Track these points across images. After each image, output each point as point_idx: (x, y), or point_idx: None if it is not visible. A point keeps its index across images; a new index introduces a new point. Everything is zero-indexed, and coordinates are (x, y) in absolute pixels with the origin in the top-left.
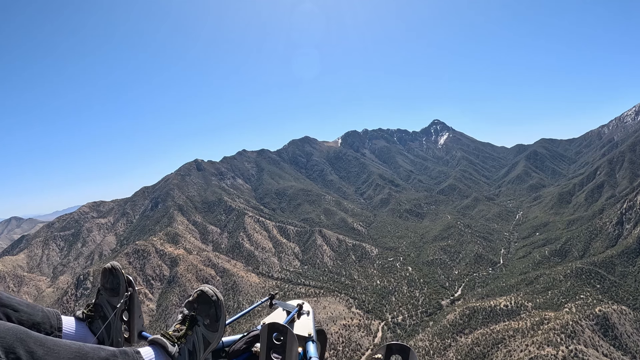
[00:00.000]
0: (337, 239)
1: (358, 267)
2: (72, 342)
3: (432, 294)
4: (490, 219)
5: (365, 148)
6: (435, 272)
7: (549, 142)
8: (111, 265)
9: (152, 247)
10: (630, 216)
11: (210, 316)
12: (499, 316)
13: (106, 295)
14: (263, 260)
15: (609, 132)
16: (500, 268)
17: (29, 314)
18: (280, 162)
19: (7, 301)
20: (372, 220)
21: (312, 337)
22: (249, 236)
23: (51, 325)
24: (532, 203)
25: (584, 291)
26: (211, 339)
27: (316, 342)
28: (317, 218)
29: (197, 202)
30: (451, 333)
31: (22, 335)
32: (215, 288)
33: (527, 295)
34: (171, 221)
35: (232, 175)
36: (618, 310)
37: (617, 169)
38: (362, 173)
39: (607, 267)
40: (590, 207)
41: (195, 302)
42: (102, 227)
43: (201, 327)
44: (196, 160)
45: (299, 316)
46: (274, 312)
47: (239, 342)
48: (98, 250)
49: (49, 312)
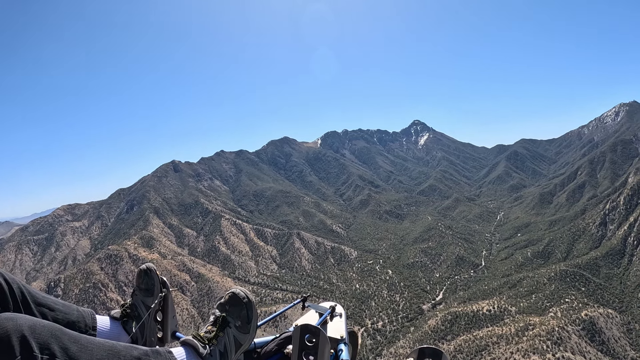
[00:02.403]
0: (315, 242)
1: (337, 270)
2: (106, 341)
3: (413, 298)
4: (471, 220)
5: (345, 149)
6: (416, 275)
7: (529, 143)
8: (146, 266)
9: (125, 252)
10: (613, 217)
11: (241, 318)
12: (482, 321)
13: (141, 295)
14: (239, 264)
15: (589, 132)
16: (482, 270)
17: (65, 313)
18: (259, 163)
19: (43, 300)
20: (352, 222)
21: (344, 339)
22: (226, 239)
23: (86, 324)
24: (513, 203)
25: (569, 294)
26: (243, 341)
27: (348, 344)
28: (295, 220)
29: (174, 204)
30: (433, 339)
31: (57, 333)
32: (246, 290)
33: (511, 299)
34: (146, 224)
35: (210, 176)
36: (604, 314)
37: (598, 169)
38: (341, 174)
39: (592, 269)
40: (572, 208)
41: (226, 304)
42: (76, 230)
43: (232, 328)
44: (173, 161)
45: (331, 318)
46: (306, 313)
47: (271, 344)
48: (72, 255)
49: (84, 311)
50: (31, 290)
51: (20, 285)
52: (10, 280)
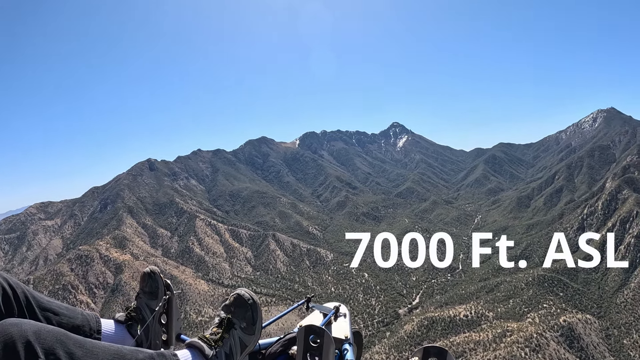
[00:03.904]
0: (291, 244)
1: (312, 273)
2: (111, 344)
3: (389, 302)
4: (448, 223)
5: (323, 150)
6: (392, 279)
7: (507, 147)
8: (150, 269)
9: (96, 253)
10: (591, 222)
11: (246, 319)
12: (459, 327)
13: (145, 298)
14: (213, 266)
15: (567, 137)
16: (460, 274)
17: (69, 317)
18: (236, 163)
19: (48, 305)
20: (328, 224)
21: (348, 339)
22: (200, 240)
23: (90, 328)
24: (491, 207)
25: (547, 300)
26: (248, 342)
27: (352, 345)
28: (271, 221)
29: (148, 203)
30: (409, 345)
31: (61, 337)
32: (251, 291)
33: (488, 304)
34: (120, 224)
35: (186, 175)
36: (583, 319)
37: (576, 174)
38: (319, 175)
39: (570, 274)
40: (550, 212)
41: (231, 306)
42: (48, 229)
43: (238, 330)
44: (149, 159)
45: (335, 318)
46: (310, 314)
47: (276, 345)
48: (43, 254)
49: (89, 315)
50: (35, 294)
51: (25, 290)
52: (15, 285)
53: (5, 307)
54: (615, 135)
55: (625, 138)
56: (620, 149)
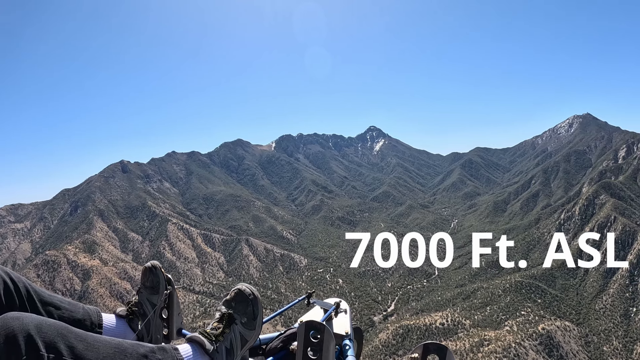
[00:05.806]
0: (264, 249)
1: (286, 279)
2: (112, 338)
3: (364, 309)
4: (424, 227)
5: (299, 153)
6: (367, 285)
7: (483, 151)
8: (151, 264)
9: (63, 258)
10: (568, 227)
11: (247, 314)
12: (435, 335)
13: (146, 293)
14: (185, 271)
15: (543, 142)
16: (436, 280)
17: (70, 311)
18: (211, 166)
19: (49, 299)
20: (303, 228)
21: (349, 335)
22: (172, 245)
23: (92, 322)
24: (467, 211)
25: (525, 307)
26: (248, 337)
27: (353, 340)
28: (245, 225)
29: (120, 206)
30: (384, 355)
31: (63, 331)
32: (252, 286)
33: (465, 312)
34: (90, 227)
35: (160, 178)
36: (562, 327)
37: (552, 179)
38: (294, 178)
39: (548, 280)
40: (526, 216)
41: (232, 301)
42: (17, 233)
43: (239, 325)
44: (122, 161)
45: (336, 314)
46: (311, 310)
47: (276, 340)
48: (12, 259)
49: (90, 310)
50: (37, 288)
51: (26, 283)
52: (16, 279)
53: (6, 300)
54: (591, 140)
55: (601, 143)
56: (596, 154)
